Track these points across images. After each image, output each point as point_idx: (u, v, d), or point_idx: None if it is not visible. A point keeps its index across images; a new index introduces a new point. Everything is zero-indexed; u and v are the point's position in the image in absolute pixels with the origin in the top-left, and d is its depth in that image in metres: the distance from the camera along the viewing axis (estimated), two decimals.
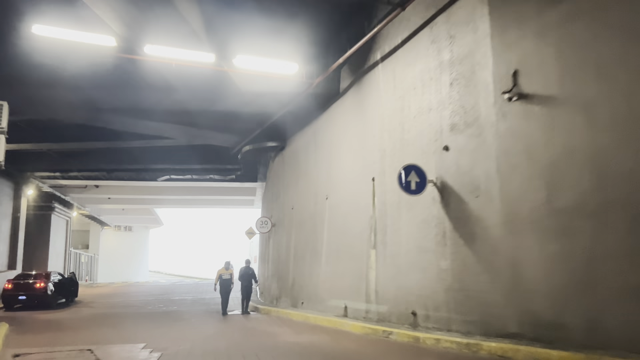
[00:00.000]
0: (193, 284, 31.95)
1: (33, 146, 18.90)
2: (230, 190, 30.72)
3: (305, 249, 14.44)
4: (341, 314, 11.63)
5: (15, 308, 19.53)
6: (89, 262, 40.19)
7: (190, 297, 23.16)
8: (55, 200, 29.45)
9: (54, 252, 30.01)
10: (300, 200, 15.18)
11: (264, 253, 21.03)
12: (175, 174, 23.27)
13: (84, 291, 27.04)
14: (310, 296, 13.69)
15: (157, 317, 15.79)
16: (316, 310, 12.88)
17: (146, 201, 33.92)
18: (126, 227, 46.50)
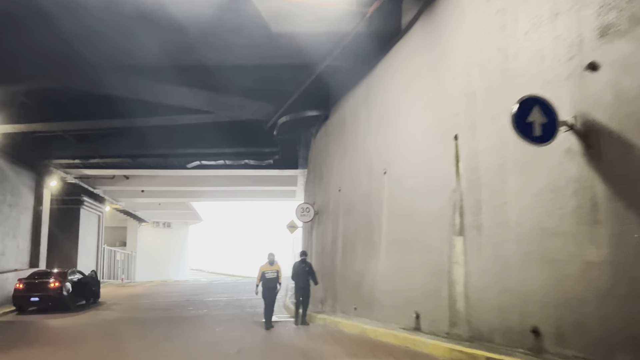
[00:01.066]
0: (231, 282, 29.45)
1: (44, 126, 16.64)
2: (268, 180, 27.96)
3: (357, 239, 11.36)
4: (411, 325, 8.50)
5: (29, 311, 17.37)
6: (125, 260, 38.47)
7: (225, 298, 20.53)
8: (84, 194, 27.52)
9: (84, 249, 28.12)
10: (349, 179, 12.11)
11: (307, 247, 18.08)
12: (206, 159, 20.65)
13: (113, 291, 24.93)
14: (366, 300, 10.61)
15: (179, 323, 13.10)
16: (375, 320, 9.79)
17: (181, 194, 31.66)
18: (165, 224, 44.68)
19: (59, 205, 26.27)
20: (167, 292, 24.04)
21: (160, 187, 28.30)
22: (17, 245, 20.72)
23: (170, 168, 22.34)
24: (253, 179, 27.97)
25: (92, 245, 29.65)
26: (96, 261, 30.24)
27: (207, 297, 21.27)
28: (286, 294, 17.72)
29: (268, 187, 29.02)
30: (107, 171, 23.52)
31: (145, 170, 23.63)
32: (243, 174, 25.54)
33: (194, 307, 17.44)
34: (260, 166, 22.22)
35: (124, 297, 22.12)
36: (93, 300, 19.21)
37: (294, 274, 12.23)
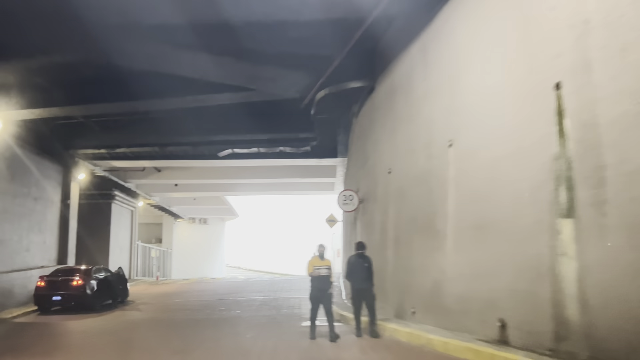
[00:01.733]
0: (268, 280, 27.91)
1: (63, 111, 15.36)
2: (306, 171, 26.23)
3: (413, 228, 9.44)
4: (493, 336, 6.56)
5: (52, 311, 16.17)
6: (161, 256, 37.57)
7: (261, 297, 18.91)
8: (116, 188, 26.50)
9: (116, 245, 27.12)
10: (401, 158, 10.18)
11: (350, 240, 16.22)
12: (238, 146, 19.04)
13: (144, 290, 23.75)
14: (427, 303, 8.68)
15: (205, 327, 11.50)
16: (440, 328, 7.86)
17: (215, 187, 30.33)
18: (201, 220, 43.66)
19: (89, 200, 25.29)
20: (201, 290, 22.68)
21: (194, 179, 27.00)
22: (44, 241, 19.67)
23: (201, 158, 20.87)
24: (289, 171, 26.30)
25: (125, 242, 28.66)
26: (129, 258, 29.27)
27: (241, 295, 19.72)
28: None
29: (305, 179, 27.32)
30: (136, 163, 22.28)
31: (176, 162, 22.28)
32: (278, 164, 23.90)
33: (226, 308, 15.87)
34: (297, 154, 20.48)
35: (155, 296, 20.84)
36: (121, 299, 17.92)
37: (349, 271, 9.73)
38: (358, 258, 9.71)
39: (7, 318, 14.34)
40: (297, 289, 21.30)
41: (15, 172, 17.66)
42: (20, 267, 17.72)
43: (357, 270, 9.52)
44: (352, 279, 9.64)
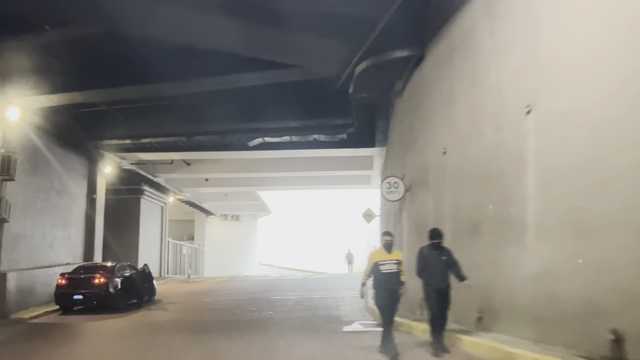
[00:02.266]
0: (302, 278, 26.56)
1: (84, 96, 14.33)
2: (340, 163, 24.76)
3: (477, 217, 7.84)
4: (603, 353, 4.96)
5: (75, 310, 15.21)
6: (193, 254, 36.74)
7: (295, 296, 17.56)
8: (145, 183, 25.62)
9: (146, 242, 26.26)
10: (459, 134, 8.59)
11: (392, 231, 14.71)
12: (269, 135, 17.69)
13: (174, 288, 22.75)
14: (499, 307, 7.10)
15: (232, 331, 10.20)
16: (520, 338, 6.27)
17: (246, 182, 29.15)
18: (233, 216, 42.70)
19: (117, 195, 24.48)
20: (232, 288, 21.52)
21: (224, 173, 25.85)
22: (69, 237, 18.82)
23: (230, 149, 19.62)
24: (323, 163, 24.87)
25: (155, 238, 27.82)
26: (160, 255, 28.43)
27: (274, 294, 18.41)
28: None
29: (340, 171, 25.80)
30: (163, 155, 21.23)
31: (205, 154, 21.12)
32: (311, 154, 22.48)
33: (258, 308, 14.56)
34: (332, 143, 19.01)
35: (184, 294, 19.76)
36: (147, 298, 16.87)
37: (422, 267, 7.67)
38: (433, 249, 7.60)
39: (25, 318, 13.41)
40: (332, 288, 19.89)
41: (37, 164, 16.79)
42: (43, 264, 16.86)
43: (434, 265, 7.52)
44: (427, 276, 7.59)
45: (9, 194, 14.73)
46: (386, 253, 7.75)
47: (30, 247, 16.31)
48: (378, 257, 7.73)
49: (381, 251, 7.81)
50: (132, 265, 17.03)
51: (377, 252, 7.92)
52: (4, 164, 13.87)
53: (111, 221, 23.44)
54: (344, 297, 16.76)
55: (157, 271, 27.72)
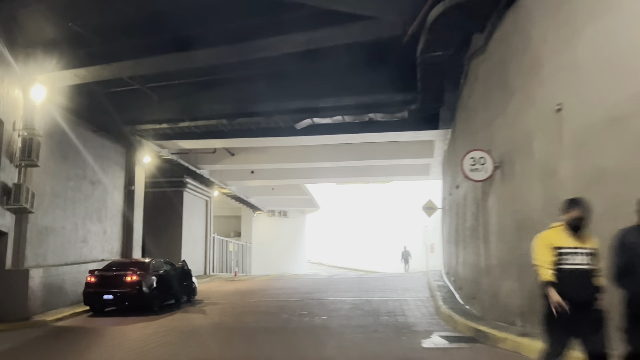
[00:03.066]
0: (355, 278, 24.32)
1: (110, 71, 12.63)
2: (398, 149, 22.44)
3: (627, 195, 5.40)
4: None
5: (106, 312, 13.65)
6: (239, 251, 35.24)
7: (350, 298, 15.41)
8: (187, 175, 24.13)
9: (189, 238, 24.79)
10: (586, 80, 6.16)
11: (462, 224, 12.25)
12: (319, 114, 15.58)
13: (218, 287, 21.07)
14: None
15: (280, 342, 8.20)
16: None
17: (294, 173, 27.21)
18: (281, 212, 40.97)
19: (158, 188, 23.13)
20: (280, 288, 19.60)
21: (270, 164, 23.99)
22: (104, 231, 17.41)
23: (276, 133, 17.63)
24: (378, 150, 22.61)
25: (199, 234, 26.34)
26: (204, 252, 26.96)
27: (326, 295, 16.33)
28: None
29: (396, 160, 23.45)
30: (204, 143, 19.52)
31: (249, 141, 19.25)
32: (365, 140, 20.26)
33: (309, 312, 12.51)
34: (390, 124, 16.71)
35: (228, 294, 17.98)
36: (186, 298, 15.16)
37: (624, 266, 4.16)
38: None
39: (48, 321, 11.89)
40: (391, 289, 17.60)
41: (68, 151, 15.38)
42: (75, 260, 15.46)
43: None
44: (635, 283, 4.12)
45: (35, 183, 13.30)
46: (572, 235, 4.53)
47: (60, 242, 14.90)
48: (558, 241, 4.53)
49: (560, 232, 4.58)
50: (169, 262, 15.36)
51: (554, 232, 4.62)
52: (25, 147, 12.40)
53: (152, 216, 22.11)
54: (407, 300, 14.49)
55: (201, 269, 26.28)
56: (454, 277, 15.45)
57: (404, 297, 15.40)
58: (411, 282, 19.75)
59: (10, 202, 11.84)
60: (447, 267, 18.48)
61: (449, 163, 18.68)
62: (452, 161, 17.55)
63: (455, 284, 15.00)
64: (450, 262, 17.01)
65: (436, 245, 32.16)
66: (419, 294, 15.90)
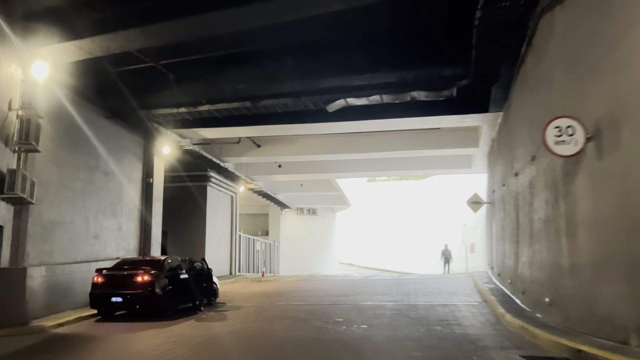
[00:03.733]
0: (392, 279, 22.37)
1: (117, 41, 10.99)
2: (439, 138, 20.50)
3: None
4: None
5: (116, 316, 12.15)
6: (267, 250, 33.66)
7: (391, 302, 13.56)
8: (211, 168, 22.62)
9: (214, 236, 23.27)
10: None
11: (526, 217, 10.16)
12: (353, 94, 13.71)
13: (244, 288, 19.47)
14: None
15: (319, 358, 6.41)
16: None
17: (324, 167, 25.45)
18: (310, 210, 39.25)
19: (180, 182, 21.78)
20: (310, 289, 17.86)
21: (299, 156, 22.27)
22: (119, 227, 15.98)
23: (305, 118, 15.88)
24: (416, 140, 20.68)
25: (224, 232, 24.82)
26: (230, 251, 25.43)
27: (363, 299, 14.50)
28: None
29: (437, 150, 21.41)
30: (227, 131, 17.90)
31: (275, 129, 17.55)
32: (404, 126, 18.32)
33: (345, 319, 10.71)
34: (434, 105, 14.79)
35: (254, 296, 16.33)
36: (207, 300, 13.56)
37: None
38: None
39: (48, 327, 10.39)
40: (436, 292, 15.65)
41: (77, 138, 13.99)
42: (86, 258, 14.05)
43: None
44: None
45: (37, 171, 11.90)
46: None
47: (69, 238, 13.48)
48: None
49: None
50: (188, 260, 13.76)
51: None
52: (23, 129, 10.97)
53: (174, 212, 20.78)
54: (458, 306, 12.55)
55: (226, 269, 24.77)
56: (511, 279, 13.39)
57: (453, 301, 13.47)
58: (456, 285, 17.74)
59: (4, 191, 10.40)
60: (499, 267, 16.40)
61: (499, 151, 16.62)
62: (504, 148, 15.51)
63: (513, 287, 12.95)
64: (504, 262, 14.94)
65: (477, 245, 29.95)
66: (469, 299, 13.92)
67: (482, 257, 27.54)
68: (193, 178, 22.33)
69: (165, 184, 19.95)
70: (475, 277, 19.57)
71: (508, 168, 14.13)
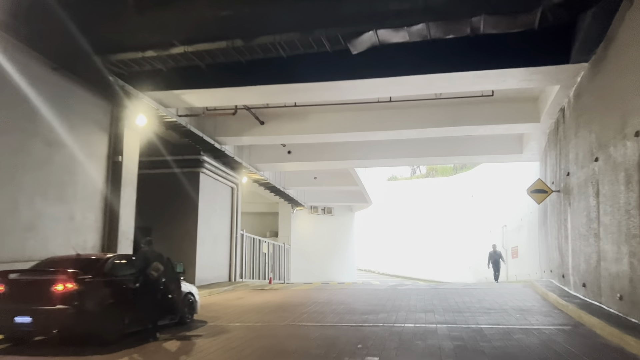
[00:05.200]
0: (428, 289, 17.84)
1: None
2: (488, 111, 16.24)
3: None
4: None
5: (32, 343, 8.06)
6: (275, 253, 29.48)
7: (442, 324, 9.30)
8: (206, 151, 18.56)
9: (208, 234, 19.18)
10: None
11: None
12: (387, 23, 9.41)
13: (241, 298, 15.35)
14: None
15: None
16: None
17: (342, 152, 21.18)
18: (325, 209, 34.93)
19: (166, 168, 17.92)
20: (325, 302, 13.66)
21: (311, 134, 17.99)
22: (71, 216, 11.95)
23: (320, 68, 11.69)
24: (459, 113, 16.42)
25: (222, 230, 20.69)
26: (229, 253, 21.30)
27: (398, 318, 10.26)
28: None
29: (486, 126, 17.03)
30: (217, 95, 13.74)
31: (278, 89, 13.27)
32: (450, 88, 14.06)
33: (382, 356, 6.48)
34: (500, 48, 10.57)
35: (250, 311, 12.18)
36: (178, 318, 9.43)
37: None
38: None
39: None
40: (496, 309, 11.35)
41: (2, 89, 10.03)
42: (12, 258, 10.01)
43: None
44: None
45: None
46: None
47: None
48: None
49: None
50: (146, 254, 9.56)
51: None
52: None
53: (157, 204, 17.10)
54: (544, 331, 8.35)
55: (224, 274, 20.67)
56: (620, 292, 9.04)
57: (531, 323, 9.24)
58: (516, 297, 13.43)
59: None
60: (580, 274, 12.01)
61: (578, 121, 12.31)
62: (588, 115, 11.23)
63: (625, 304, 8.62)
64: (598, 267, 10.56)
65: (522, 249, 25.43)
66: (552, 319, 9.68)
67: (528, 263, 22.98)
68: (183, 163, 18.32)
69: (148, 170, 16.21)
70: (537, 286, 15.20)
71: (592, 143, 9.85)
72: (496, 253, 22.41)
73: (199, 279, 17.89)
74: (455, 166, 45.17)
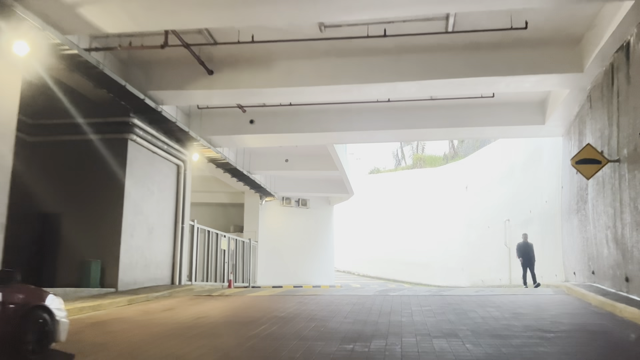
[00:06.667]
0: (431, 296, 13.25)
1: None
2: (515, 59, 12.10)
3: None
4: None
5: None
6: (238, 251, 24.89)
7: (479, 354, 4.90)
8: (137, 112, 13.96)
9: (139, 223, 14.59)
10: None
11: None
12: None
13: (169, 310, 10.79)
14: None
15: None
16: None
17: (318, 119, 16.80)
18: (299, 201, 30.34)
19: (82, 134, 13.36)
20: (288, 318, 9.27)
21: (277, 88, 13.46)
22: None
23: None
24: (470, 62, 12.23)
25: (161, 219, 16.08)
26: (172, 248, 16.68)
27: (402, 347, 5.88)
28: None
29: (507, 78, 12.84)
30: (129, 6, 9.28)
31: None
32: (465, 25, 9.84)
33: None
34: None
35: (169, 332, 7.71)
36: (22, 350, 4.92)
37: None
38: None
39: None
40: (557, 330, 7.15)
41: None
42: None
43: None
44: None
45: None
46: None
47: None
48: None
49: None
50: None
51: None
52: None
53: (66, 180, 12.54)
54: None
55: (166, 274, 16.12)
56: None
57: None
58: (566, 311, 9.25)
59: None
60: None
61: None
62: None
63: None
64: None
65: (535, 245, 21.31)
66: None
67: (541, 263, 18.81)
68: (105, 128, 13.75)
69: (54, 137, 12.05)
70: (583, 293, 11.06)
71: None
72: (527, 245, 17.43)
73: (123, 282, 13.36)
74: (446, 155, 41.29)
